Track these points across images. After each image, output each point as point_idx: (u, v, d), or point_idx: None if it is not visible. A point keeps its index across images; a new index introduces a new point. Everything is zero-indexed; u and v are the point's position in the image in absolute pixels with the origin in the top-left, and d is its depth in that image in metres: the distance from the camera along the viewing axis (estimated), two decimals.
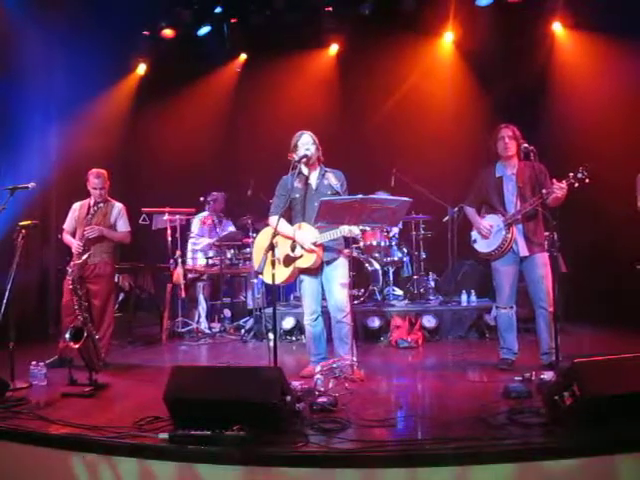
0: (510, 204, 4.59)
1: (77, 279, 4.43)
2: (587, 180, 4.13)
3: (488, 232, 4.62)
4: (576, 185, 4.18)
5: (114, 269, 5.45)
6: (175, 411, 3.09)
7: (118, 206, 5.45)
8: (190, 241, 7.53)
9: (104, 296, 5.24)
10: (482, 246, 4.71)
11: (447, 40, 7.70)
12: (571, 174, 4.20)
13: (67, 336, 4.21)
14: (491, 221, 4.65)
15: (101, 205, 5.29)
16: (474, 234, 4.80)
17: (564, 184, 4.22)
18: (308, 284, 4.53)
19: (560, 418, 2.95)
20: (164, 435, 2.94)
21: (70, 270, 4.41)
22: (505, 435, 2.90)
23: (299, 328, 6.35)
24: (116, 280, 5.76)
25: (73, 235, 5.28)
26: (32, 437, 3.11)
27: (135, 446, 2.92)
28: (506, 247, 4.53)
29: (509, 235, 4.51)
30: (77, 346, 4.17)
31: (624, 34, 6.32)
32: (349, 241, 5.14)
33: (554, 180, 4.29)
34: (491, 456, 2.67)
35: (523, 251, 4.53)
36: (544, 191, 4.26)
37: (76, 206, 5.43)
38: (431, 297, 7.13)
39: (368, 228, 4.35)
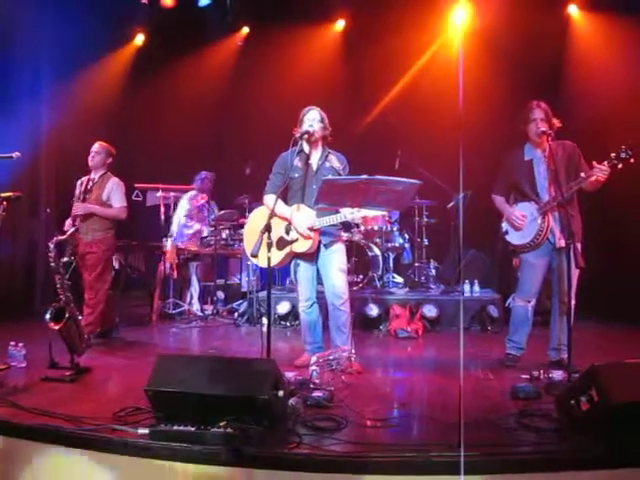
0: (543, 189, 4.19)
1: (57, 256, 4.17)
2: (632, 160, 3.75)
3: (521, 223, 4.23)
4: (619, 166, 3.80)
5: (110, 246, 5.28)
6: (157, 404, 2.84)
7: (113, 180, 5.31)
8: (181, 222, 7.21)
9: (95, 272, 5.11)
10: (515, 238, 4.31)
11: (458, 20, 7.37)
12: (613, 154, 3.80)
13: (47, 316, 3.95)
14: (523, 210, 4.24)
15: (96, 179, 5.25)
16: (505, 225, 4.39)
17: (606, 166, 3.84)
18: (303, 269, 4.28)
19: (575, 424, 2.72)
20: (144, 430, 2.71)
21: (51, 246, 4.13)
22: (516, 441, 2.67)
23: (294, 313, 6.10)
24: (113, 251, 5.52)
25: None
26: None
27: (112, 441, 2.68)
28: (542, 238, 4.13)
29: (545, 224, 4.11)
30: (57, 327, 3.91)
31: None
32: (350, 225, 4.88)
33: (594, 162, 3.92)
34: (503, 465, 2.44)
35: (559, 242, 4.12)
36: (582, 175, 3.92)
37: (79, 182, 5.39)
38: (432, 285, 6.90)
39: (372, 214, 4.05)
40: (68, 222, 5.09)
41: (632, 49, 6.30)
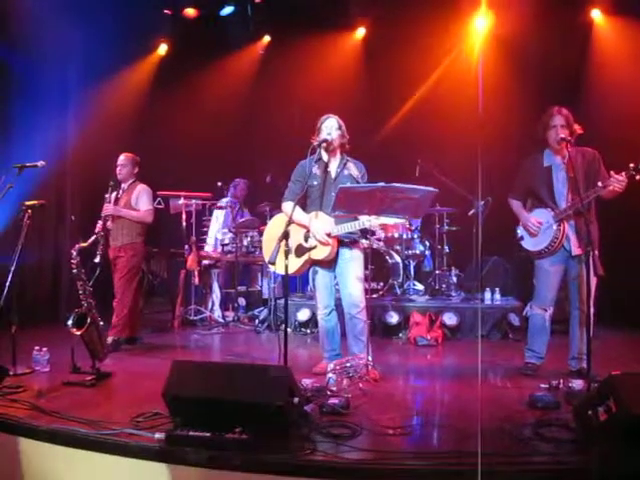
0: (561, 197, 4.14)
1: (81, 263, 4.25)
2: None
3: (537, 230, 4.20)
4: (638, 177, 3.73)
5: (137, 252, 5.41)
6: (174, 409, 2.88)
7: (141, 186, 5.50)
8: (214, 227, 7.30)
9: (121, 276, 5.28)
10: (530, 244, 4.29)
11: (480, 26, 7.35)
12: (632, 165, 3.74)
13: (69, 322, 4.04)
14: (540, 216, 4.21)
15: (126, 187, 5.44)
16: (520, 230, 4.37)
17: (623, 176, 3.77)
18: (321, 277, 4.29)
19: (593, 435, 2.68)
20: (160, 435, 2.74)
21: (74, 253, 4.22)
22: (532, 451, 2.64)
23: (314, 320, 6.11)
24: (141, 258, 5.61)
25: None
26: (20, 428, 2.93)
27: (129, 445, 2.72)
28: (557, 245, 4.11)
29: (560, 231, 4.08)
30: (79, 333, 3.99)
31: None
32: (368, 233, 4.88)
33: (612, 172, 3.86)
34: (518, 476, 2.41)
35: (575, 249, 4.09)
36: (600, 184, 3.86)
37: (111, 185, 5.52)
38: (453, 293, 6.85)
39: (391, 222, 4.05)
40: (99, 224, 5.19)
41: None
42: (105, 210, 5.25)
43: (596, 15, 7.15)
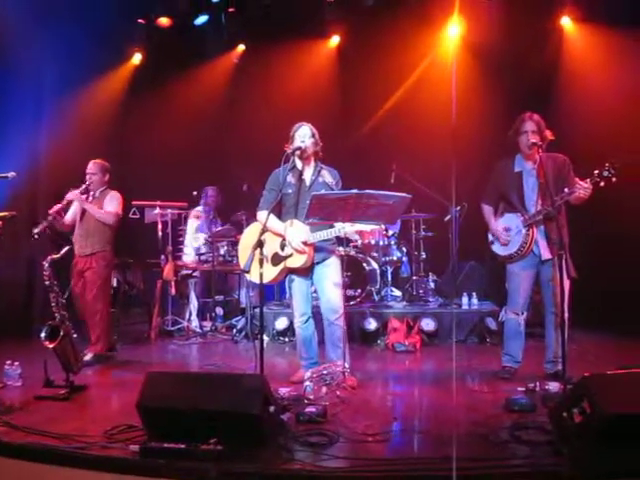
0: (530, 202, 4.20)
1: (53, 275, 4.18)
2: (614, 179, 3.72)
3: (505, 239, 4.26)
4: (602, 184, 3.78)
5: (109, 262, 5.28)
6: (149, 421, 2.85)
7: (112, 193, 5.36)
8: (188, 237, 7.26)
9: (94, 288, 5.10)
10: (500, 249, 4.35)
11: (452, 33, 7.43)
12: (596, 172, 3.79)
13: (42, 335, 3.97)
14: (509, 221, 4.28)
15: (97, 194, 5.29)
16: (491, 236, 4.44)
17: (588, 184, 3.84)
18: (298, 284, 4.27)
19: (568, 437, 2.70)
20: (134, 447, 2.69)
21: (46, 265, 4.15)
22: (508, 455, 2.65)
23: (292, 329, 6.03)
24: (111, 267, 5.52)
25: (72, 226, 5.27)
26: None
27: (102, 459, 2.67)
28: (526, 250, 4.16)
29: (529, 237, 4.14)
30: (52, 346, 3.92)
31: (636, 26, 6.04)
32: (343, 240, 4.88)
33: (577, 179, 3.94)
34: (495, 479, 2.42)
35: (545, 254, 4.16)
36: (566, 190, 3.92)
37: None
38: (430, 299, 6.87)
39: (367, 228, 4.06)
40: (55, 207, 5.04)
41: (625, 60, 6.33)
42: (69, 194, 5.05)
43: (566, 22, 7.27)
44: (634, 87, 6.21)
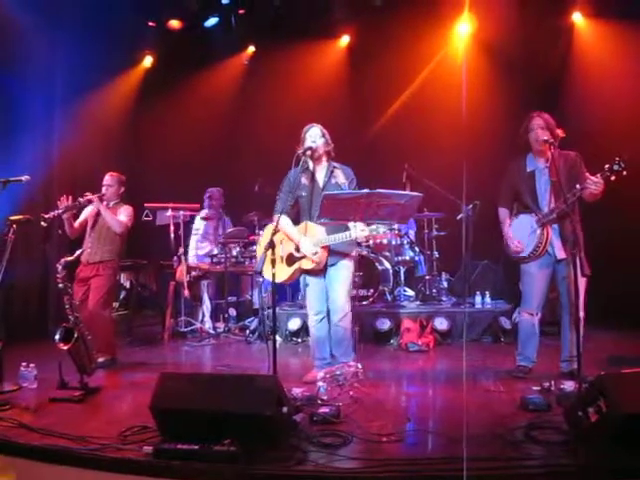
0: (544, 201, 4.17)
1: (67, 277, 4.22)
2: (624, 172, 3.70)
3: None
4: (612, 178, 3.76)
5: (115, 271, 5.29)
6: (162, 422, 2.86)
7: (125, 206, 5.39)
8: (194, 238, 7.29)
9: (99, 295, 5.07)
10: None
11: (463, 30, 7.41)
12: (607, 166, 3.77)
13: (56, 337, 3.99)
14: (523, 222, 4.26)
15: (110, 206, 5.30)
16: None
17: (599, 178, 3.81)
18: (312, 285, 4.29)
19: (584, 436, 2.68)
20: (148, 449, 2.70)
21: (60, 267, 4.18)
22: (523, 455, 2.62)
23: (305, 329, 6.08)
24: (117, 277, 5.55)
25: (80, 232, 5.31)
26: (5, 447, 2.88)
27: (116, 460, 2.68)
28: (541, 250, 4.13)
29: (544, 236, 4.11)
30: (66, 347, 3.95)
31: None
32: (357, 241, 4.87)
33: (588, 174, 3.92)
34: (509, 479, 2.40)
35: (560, 253, 4.12)
36: (578, 187, 3.89)
37: None
38: (444, 298, 6.84)
39: (381, 230, 4.03)
40: (69, 200, 5.06)
41: (637, 55, 6.26)
42: (88, 194, 5.10)
43: (577, 18, 7.21)
44: None
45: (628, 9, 6.31)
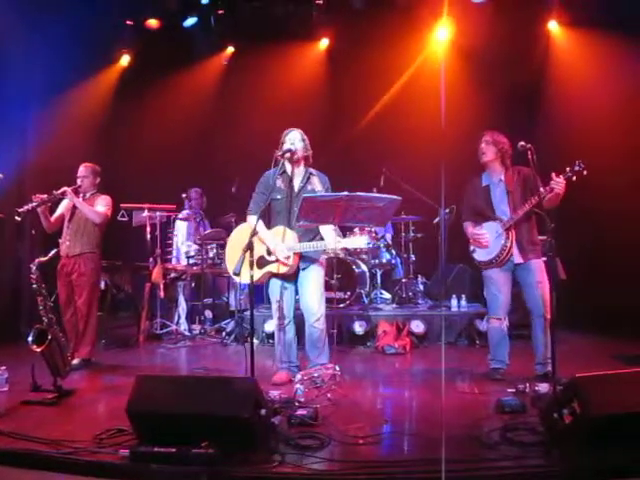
0: (500, 212, 4.37)
1: (40, 278, 4.14)
2: (585, 172, 3.94)
3: (487, 240, 4.36)
4: (574, 179, 3.98)
5: (97, 265, 5.24)
6: (139, 425, 2.82)
7: (103, 196, 5.31)
8: (180, 240, 7.23)
9: (84, 294, 5.04)
10: (481, 255, 4.44)
11: (441, 37, 7.48)
12: (568, 168, 4.00)
13: (29, 339, 3.92)
14: (488, 228, 4.38)
15: (87, 197, 5.22)
16: (472, 245, 4.53)
17: (562, 179, 4.00)
18: (280, 288, 4.29)
19: (559, 437, 2.71)
20: (125, 452, 2.67)
21: (34, 268, 4.11)
22: (499, 456, 2.65)
23: None
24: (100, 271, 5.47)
25: (57, 227, 5.21)
26: None
27: (92, 464, 2.65)
28: (506, 254, 4.27)
29: (508, 242, 4.26)
30: (40, 350, 3.88)
31: (621, 31, 6.12)
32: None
33: (552, 174, 4.07)
34: None
35: (517, 258, 4.29)
36: (541, 189, 4.02)
37: None
38: (420, 301, 6.88)
39: (354, 245, 4.07)
40: (43, 196, 4.92)
41: (610, 64, 6.39)
42: (63, 188, 4.97)
43: (553, 26, 7.34)
44: (619, 89, 6.28)
45: (601, 18, 6.45)
